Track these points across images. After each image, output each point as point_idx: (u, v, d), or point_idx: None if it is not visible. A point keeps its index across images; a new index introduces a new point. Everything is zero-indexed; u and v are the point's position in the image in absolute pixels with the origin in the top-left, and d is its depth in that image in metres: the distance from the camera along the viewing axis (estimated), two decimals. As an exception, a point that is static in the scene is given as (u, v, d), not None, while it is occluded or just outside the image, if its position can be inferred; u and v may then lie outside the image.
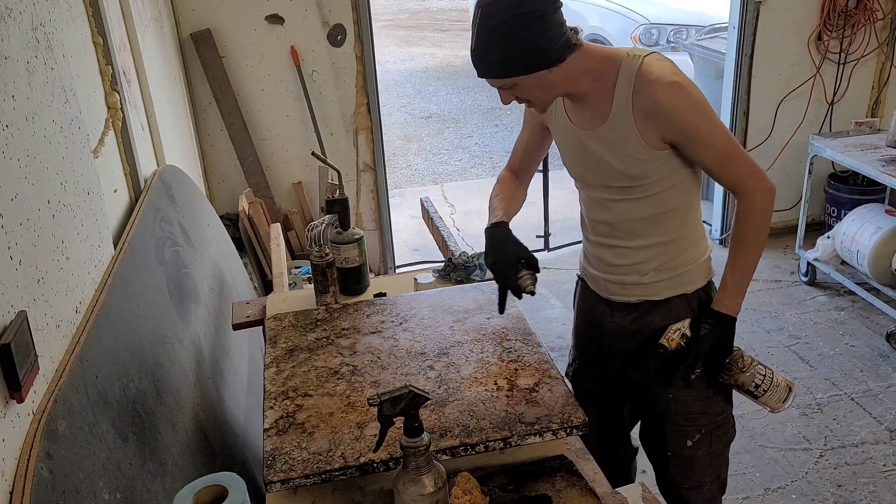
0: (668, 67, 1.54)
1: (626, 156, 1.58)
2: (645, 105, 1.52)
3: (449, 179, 5.95)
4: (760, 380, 1.66)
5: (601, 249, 1.75)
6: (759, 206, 1.60)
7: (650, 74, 1.51)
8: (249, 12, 3.51)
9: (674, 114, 1.51)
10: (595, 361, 1.90)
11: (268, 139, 3.75)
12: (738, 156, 1.58)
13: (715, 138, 1.55)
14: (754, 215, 1.60)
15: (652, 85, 1.50)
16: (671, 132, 1.54)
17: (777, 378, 1.68)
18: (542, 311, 3.79)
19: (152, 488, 1.39)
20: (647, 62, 1.53)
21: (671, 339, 1.65)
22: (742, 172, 1.58)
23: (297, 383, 1.53)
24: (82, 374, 1.33)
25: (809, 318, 3.62)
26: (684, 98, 1.51)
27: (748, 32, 3.94)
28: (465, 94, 8.29)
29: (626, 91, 1.54)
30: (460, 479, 1.27)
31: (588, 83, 1.57)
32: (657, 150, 1.56)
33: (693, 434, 1.78)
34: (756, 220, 1.61)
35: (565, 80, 1.55)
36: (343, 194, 1.93)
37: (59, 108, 1.54)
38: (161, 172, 2.42)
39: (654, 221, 1.66)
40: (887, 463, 2.68)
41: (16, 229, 1.22)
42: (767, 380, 1.67)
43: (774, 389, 1.67)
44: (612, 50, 1.60)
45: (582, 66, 1.54)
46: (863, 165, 3.41)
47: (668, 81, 1.50)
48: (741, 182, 1.58)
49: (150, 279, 1.89)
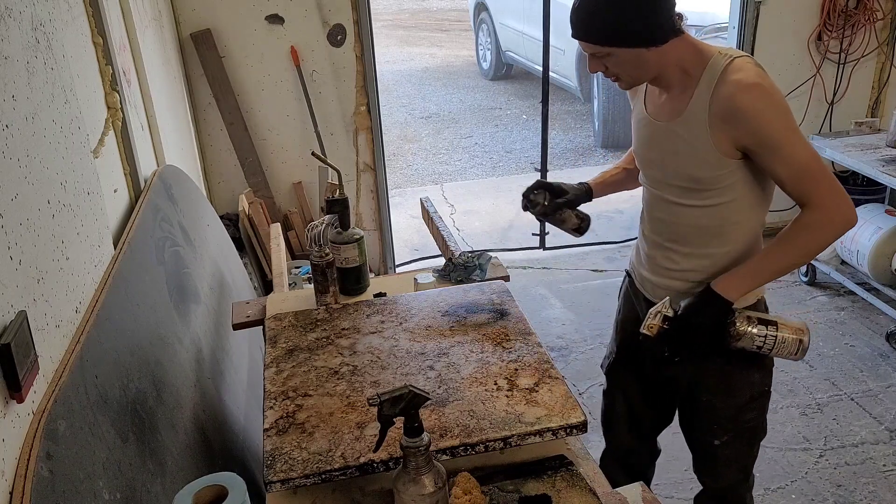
0: (754, 70, 1.48)
1: (694, 156, 1.54)
2: (722, 105, 1.47)
3: (449, 179, 5.96)
4: (761, 342, 1.58)
5: (654, 249, 1.72)
6: (822, 224, 1.48)
7: (734, 74, 1.46)
8: (249, 12, 3.51)
9: (750, 117, 1.45)
10: (632, 358, 1.90)
11: (268, 139, 3.75)
12: (818, 172, 1.48)
13: (793, 149, 1.46)
14: (814, 230, 1.49)
15: (733, 85, 1.45)
16: (746, 137, 1.47)
17: (782, 334, 1.58)
18: (542, 311, 3.80)
19: (152, 488, 1.39)
20: (736, 62, 1.48)
21: (651, 325, 1.59)
22: (818, 190, 1.47)
23: (297, 383, 1.53)
24: (82, 374, 1.33)
25: (809, 318, 3.62)
26: (765, 101, 1.45)
27: (748, 32, 3.94)
28: (465, 94, 8.29)
29: (707, 88, 1.49)
30: (460, 479, 1.27)
31: (676, 73, 1.54)
32: (727, 156, 1.51)
33: (721, 435, 1.78)
34: (811, 235, 1.50)
35: (659, 64, 1.52)
36: (343, 194, 1.92)
37: (59, 108, 1.54)
38: (161, 172, 2.42)
39: (711, 233, 1.61)
40: (887, 463, 2.68)
41: (16, 229, 1.22)
42: (770, 339, 1.57)
43: (780, 346, 1.58)
44: (706, 45, 1.55)
45: (677, 54, 1.51)
46: (863, 165, 3.41)
47: (750, 83, 1.45)
48: (815, 199, 1.47)
49: (150, 279, 1.89)
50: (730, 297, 1.55)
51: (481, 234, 4.82)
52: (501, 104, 7.86)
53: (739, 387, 1.72)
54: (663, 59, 1.51)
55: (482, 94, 8.21)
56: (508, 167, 6.19)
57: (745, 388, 1.72)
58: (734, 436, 1.78)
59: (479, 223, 5.02)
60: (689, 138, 1.54)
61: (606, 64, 1.54)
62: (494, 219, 5.07)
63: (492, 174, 6.05)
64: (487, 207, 5.25)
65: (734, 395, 1.73)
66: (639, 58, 1.50)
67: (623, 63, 1.52)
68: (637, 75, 1.56)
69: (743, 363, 1.69)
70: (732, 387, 1.72)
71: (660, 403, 1.94)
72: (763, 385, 1.76)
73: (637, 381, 1.92)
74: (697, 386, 1.77)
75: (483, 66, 8.89)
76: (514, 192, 5.50)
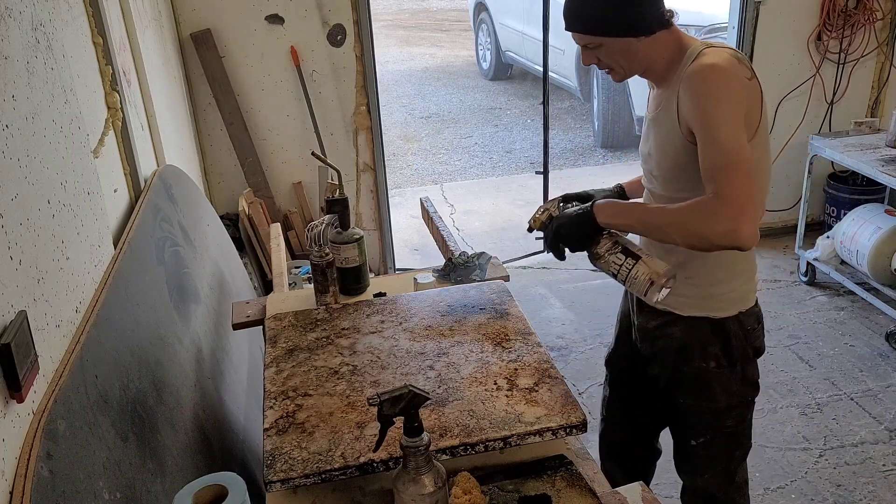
0: (723, 57, 1.47)
1: (670, 144, 1.56)
2: (682, 86, 1.49)
3: (449, 179, 5.96)
4: (615, 269, 1.56)
5: (646, 244, 1.73)
6: (712, 211, 1.37)
7: (701, 58, 1.49)
8: (249, 12, 3.51)
9: (695, 95, 1.46)
10: (625, 352, 1.94)
11: (268, 139, 3.75)
12: (740, 172, 1.37)
13: (724, 138, 1.39)
14: (701, 212, 1.40)
15: (695, 66, 1.48)
16: (690, 117, 1.47)
17: (638, 269, 1.52)
18: (542, 311, 3.80)
19: (152, 488, 1.39)
20: (711, 49, 1.50)
21: (535, 218, 1.71)
22: (730, 185, 1.37)
23: (296, 383, 1.53)
24: (82, 374, 1.33)
25: (809, 317, 3.62)
26: (714, 83, 1.44)
27: (748, 32, 3.94)
28: (465, 94, 8.29)
29: (679, 76, 1.52)
30: (460, 478, 1.27)
31: (664, 66, 1.57)
32: (690, 141, 1.50)
33: (697, 436, 1.80)
34: (696, 215, 1.40)
35: (648, 55, 1.55)
36: (343, 194, 1.93)
37: (59, 108, 1.54)
38: (161, 172, 2.42)
39: None
40: (887, 463, 2.68)
41: (16, 229, 1.22)
42: (625, 270, 1.54)
43: (632, 281, 1.54)
44: (692, 39, 1.58)
45: (665, 46, 1.54)
46: (862, 165, 3.41)
47: (709, 63, 1.46)
48: (724, 192, 1.37)
49: (150, 279, 1.89)
50: (599, 219, 1.55)
51: (481, 234, 4.82)
52: (501, 104, 7.86)
53: (716, 392, 1.72)
54: (652, 51, 1.54)
55: (482, 94, 8.21)
56: (508, 167, 6.19)
57: (723, 396, 1.72)
58: (711, 437, 1.78)
59: (478, 223, 5.02)
60: (666, 127, 1.57)
61: (598, 55, 1.58)
62: (494, 219, 5.07)
63: (492, 174, 6.05)
64: (487, 207, 5.25)
65: (711, 400, 1.73)
66: (628, 48, 1.53)
67: (613, 54, 1.56)
68: (628, 66, 1.59)
69: (722, 370, 1.71)
70: (708, 391, 1.73)
71: (655, 400, 1.94)
72: (743, 395, 1.75)
73: (633, 375, 1.94)
74: (675, 388, 1.79)
75: (483, 66, 8.90)
76: (513, 192, 5.50)
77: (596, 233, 1.58)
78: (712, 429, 1.77)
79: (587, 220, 1.57)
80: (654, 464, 2.13)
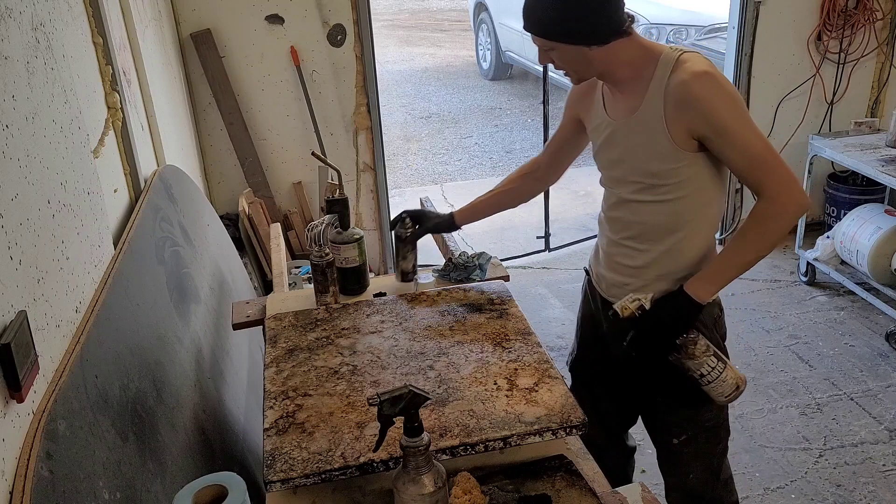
0: (704, 61, 1.53)
1: (652, 149, 1.57)
2: (676, 94, 1.50)
3: (449, 179, 5.96)
4: (707, 371, 1.62)
5: (612, 247, 1.75)
6: (776, 214, 1.51)
7: (685, 64, 1.51)
8: (249, 12, 3.51)
9: (702, 102, 1.49)
10: (592, 355, 1.93)
11: (268, 139, 3.75)
12: (771, 160, 1.50)
13: (745, 136, 1.50)
14: (769, 221, 1.52)
15: (685, 73, 1.49)
16: (700, 124, 1.50)
17: (727, 374, 1.63)
18: (542, 311, 3.80)
19: (152, 488, 1.39)
20: (686, 55, 1.53)
21: (625, 306, 1.61)
22: (770, 178, 1.50)
23: (296, 383, 1.53)
24: (82, 373, 1.33)
25: (809, 317, 3.62)
26: (716, 88, 1.49)
27: (748, 32, 3.94)
28: (465, 94, 8.29)
29: (660, 81, 1.53)
30: (460, 478, 1.27)
31: (627, 72, 1.57)
32: (683, 148, 1.54)
33: (679, 434, 1.80)
34: (768, 226, 1.53)
35: (604, 63, 1.56)
36: (343, 194, 1.93)
37: (59, 108, 1.54)
38: (161, 172, 2.42)
39: (667, 229, 1.63)
40: (887, 463, 2.68)
41: (16, 229, 1.22)
42: (715, 373, 1.62)
43: (720, 384, 1.63)
44: (655, 44, 1.60)
45: (625, 54, 1.55)
46: (862, 165, 3.41)
47: (700, 70, 1.49)
48: (768, 188, 1.51)
49: (150, 279, 1.89)
50: (700, 298, 1.58)
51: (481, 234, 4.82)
52: (501, 104, 7.86)
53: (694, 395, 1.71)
54: (609, 58, 1.55)
55: (482, 94, 8.20)
56: (508, 167, 6.19)
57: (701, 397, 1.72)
58: (693, 434, 1.79)
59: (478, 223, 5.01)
60: (647, 132, 1.57)
61: (552, 57, 1.59)
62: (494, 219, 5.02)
63: (492, 174, 6.05)
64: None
65: (687, 394, 1.73)
66: (581, 55, 1.54)
67: (566, 58, 1.57)
68: (582, 71, 1.60)
69: None
70: (686, 393, 1.72)
71: (624, 400, 1.95)
72: None
73: (599, 378, 1.93)
74: (651, 386, 1.79)
75: (483, 66, 8.89)
76: (513, 192, 5.49)
77: (698, 314, 1.59)
78: (692, 424, 1.78)
79: (687, 304, 1.58)
80: (632, 458, 2.15)
